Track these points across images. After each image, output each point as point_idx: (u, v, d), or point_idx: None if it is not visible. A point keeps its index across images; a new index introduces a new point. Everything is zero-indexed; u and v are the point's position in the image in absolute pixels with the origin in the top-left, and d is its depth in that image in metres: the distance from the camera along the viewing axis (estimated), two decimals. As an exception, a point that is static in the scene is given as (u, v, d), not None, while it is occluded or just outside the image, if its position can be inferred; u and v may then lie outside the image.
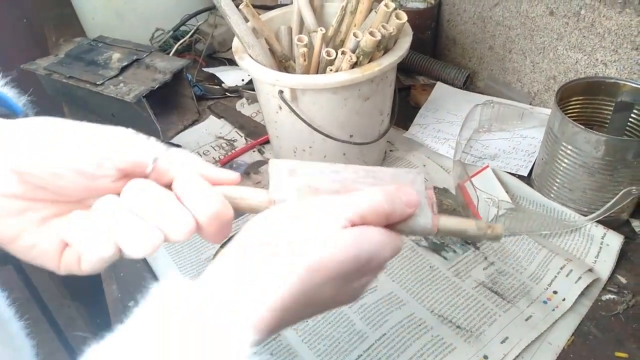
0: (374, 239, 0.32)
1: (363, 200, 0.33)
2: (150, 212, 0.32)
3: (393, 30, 0.65)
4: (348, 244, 0.30)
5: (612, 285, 0.61)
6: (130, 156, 0.33)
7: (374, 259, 0.32)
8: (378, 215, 0.33)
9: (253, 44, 0.69)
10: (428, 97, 0.94)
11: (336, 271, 0.30)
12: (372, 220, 0.32)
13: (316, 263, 0.29)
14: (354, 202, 0.32)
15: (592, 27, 0.73)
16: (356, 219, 0.32)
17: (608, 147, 0.59)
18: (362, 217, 0.32)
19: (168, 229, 0.32)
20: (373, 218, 0.32)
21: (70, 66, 0.95)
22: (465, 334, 0.56)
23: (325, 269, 0.29)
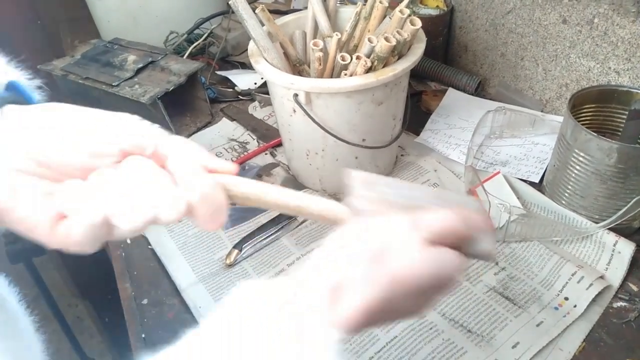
0: (453, 261, 0.33)
1: (442, 220, 0.34)
2: (144, 187, 0.33)
3: (408, 36, 0.65)
4: (431, 263, 0.32)
5: (623, 292, 0.61)
6: (133, 138, 0.35)
7: (446, 278, 0.33)
8: (454, 236, 0.34)
9: (268, 48, 0.70)
10: (439, 103, 0.94)
11: (416, 286, 0.31)
12: (449, 240, 0.33)
13: (400, 276, 0.31)
14: (434, 219, 0.33)
15: (605, 36, 0.74)
16: (436, 238, 0.33)
17: (621, 154, 0.60)
18: (441, 237, 0.33)
19: (159, 205, 0.33)
20: (450, 239, 0.33)
21: (86, 67, 0.97)
22: (476, 338, 0.57)
23: (408, 282, 0.31)
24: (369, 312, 0.30)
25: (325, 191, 0.79)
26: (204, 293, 0.65)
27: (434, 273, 0.32)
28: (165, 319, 0.63)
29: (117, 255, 0.71)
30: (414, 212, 0.34)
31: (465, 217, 0.34)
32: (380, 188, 0.37)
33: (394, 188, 0.38)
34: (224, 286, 0.66)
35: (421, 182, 0.79)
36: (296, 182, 0.82)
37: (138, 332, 0.61)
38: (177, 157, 0.35)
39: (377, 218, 0.34)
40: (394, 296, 0.31)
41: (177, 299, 0.65)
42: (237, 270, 0.68)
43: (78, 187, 0.33)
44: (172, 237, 0.72)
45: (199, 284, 0.66)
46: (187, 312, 0.63)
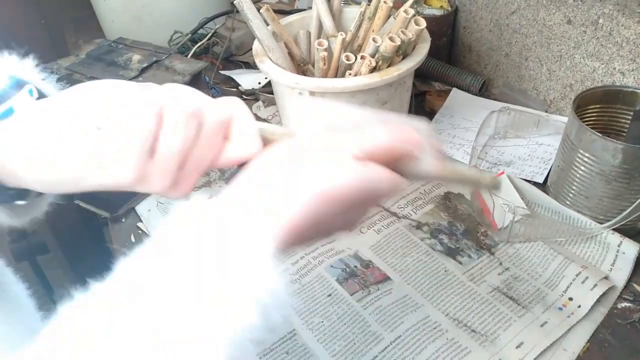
0: (378, 174, 0.34)
1: (370, 139, 0.34)
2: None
3: (412, 35, 0.66)
4: (355, 176, 0.33)
5: (628, 293, 0.61)
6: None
7: (375, 193, 0.34)
8: (388, 154, 0.35)
9: (273, 48, 0.70)
10: (443, 103, 0.94)
11: (341, 199, 0.32)
12: (377, 157, 0.34)
13: (326, 190, 0.32)
14: (362, 139, 0.34)
15: (610, 36, 0.74)
16: (363, 155, 0.34)
17: (626, 155, 0.60)
18: (369, 154, 0.34)
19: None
20: (383, 157, 0.34)
21: (91, 66, 0.97)
22: (480, 338, 0.57)
23: (333, 196, 0.32)
24: (296, 226, 0.31)
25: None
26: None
27: (358, 186, 0.33)
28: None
29: (122, 254, 0.72)
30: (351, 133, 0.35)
31: (401, 136, 0.35)
32: (325, 112, 0.38)
33: (339, 112, 0.38)
34: (228, 285, 0.66)
35: (424, 182, 0.79)
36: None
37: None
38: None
39: (311, 140, 0.35)
40: (321, 210, 0.32)
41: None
42: (241, 269, 0.68)
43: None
44: (177, 236, 0.72)
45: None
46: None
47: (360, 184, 0.33)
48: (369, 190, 0.33)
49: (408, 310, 0.60)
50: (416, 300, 0.61)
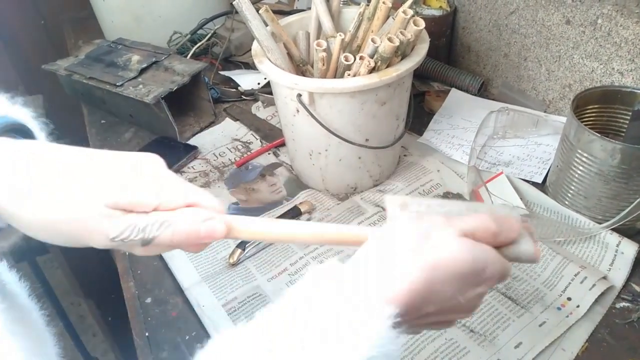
0: (487, 250, 0.36)
1: (474, 219, 0.37)
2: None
3: (411, 36, 0.66)
4: (465, 249, 0.34)
5: (626, 293, 0.61)
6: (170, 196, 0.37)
7: (487, 269, 0.35)
8: (487, 232, 0.36)
9: (272, 48, 0.71)
10: (442, 104, 0.94)
11: (454, 271, 0.34)
12: (481, 237, 0.36)
13: (437, 261, 0.33)
14: (466, 219, 0.37)
15: (609, 37, 0.74)
16: (468, 234, 0.36)
17: (624, 155, 0.60)
18: (473, 234, 0.36)
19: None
20: (482, 235, 0.36)
21: (90, 67, 0.97)
22: (479, 338, 0.57)
23: (446, 267, 0.34)
24: (411, 296, 0.32)
25: (328, 191, 0.79)
26: (207, 292, 0.65)
27: (470, 258, 0.34)
28: (169, 318, 0.63)
29: (120, 255, 0.72)
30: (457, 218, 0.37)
31: (498, 219, 0.37)
32: (414, 207, 0.40)
33: (430, 206, 0.40)
34: (227, 285, 0.66)
35: (424, 182, 0.79)
36: (299, 182, 0.82)
37: (141, 331, 0.62)
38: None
39: (414, 222, 0.37)
40: (434, 281, 0.33)
41: (180, 298, 0.65)
42: (240, 270, 0.68)
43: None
44: (176, 236, 0.73)
45: (202, 283, 0.66)
46: (191, 311, 0.63)
47: (471, 257, 0.34)
48: (480, 267, 0.35)
49: (407, 310, 0.60)
50: (415, 301, 0.61)
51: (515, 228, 0.38)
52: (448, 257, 0.34)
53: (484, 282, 0.36)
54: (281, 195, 0.80)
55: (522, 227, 0.39)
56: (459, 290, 0.35)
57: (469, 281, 0.35)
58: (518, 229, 0.38)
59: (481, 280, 0.36)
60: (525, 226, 0.39)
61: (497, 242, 0.37)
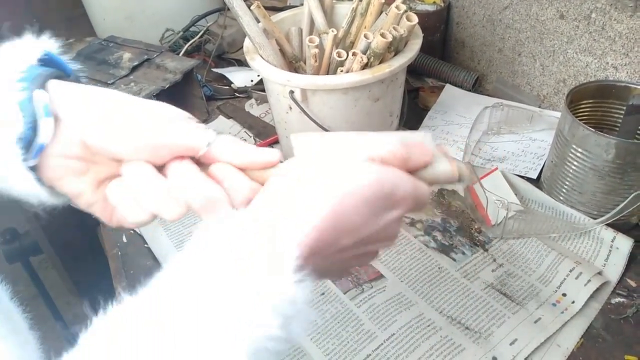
0: (395, 171, 0.34)
1: (381, 145, 0.35)
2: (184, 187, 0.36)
3: (404, 32, 0.65)
4: (371, 173, 0.33)
5: (621, 288, 0.61)
6: (186, 142, 0.36)
7: (399, 191, 0.34)
8: (396, 158, 0.35)
9: (264, 45, 0.70)
10: (437, 99, 0.94)
11: (362, 197, 0.32)
12: (390, 162, 0.35)
13: (344, 189, 0.32)
14: (373, 146, 0.35)
15: (603, 31, 0.74)
16: (375, 160, 0.34)
17: (618, 150, 0.60)
18: (382, 159, 0.34)
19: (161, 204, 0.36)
20: (392, 161, 0.35)
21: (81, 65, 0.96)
22: (474, 335, 0.56)
23: (352, 194, 0.32)
24: (320, 229, 0.31)
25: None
26: (200, 291, 0.64)
27: (376, 181, 0.33)
28: (162, 318, 0.63)
29: (113, 254, 0.71)
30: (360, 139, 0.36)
31: (408, 144, 0.36)
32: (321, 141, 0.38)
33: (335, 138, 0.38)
34: (221, 284, 0.65)
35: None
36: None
37: (134, 331, 0.61)
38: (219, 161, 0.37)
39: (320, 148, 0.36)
40: (343, 210, 0.32)
41: (173, 298, 0.65)
42: (234, 269, 0.67)
43: (123, 190, 0.37)
44: (168, 235, 0.72)
45: (195, 283, 0.65)
46: (184, 310, 0.63)
47: (380, 181, 0.33)
48: (389, 189, 0.33)
49: (402, 308, 0.60)
50: (410, 298, 0.61)
51: (427, 151, 0.37)
52: (353, 183, 0.32)
53: (397, 205, 0.35)
54: (275, 193, 0.80)
55: (437, 149, 0.38)
56: (372, 216, 0.33)
57: (380, 205, 0.33)
58: (430, 151, 0.37)
59: (394, 203, 0.34)
60: (439, 148, 0.38)
61: (408, 166, 0.36)
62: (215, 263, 0.30)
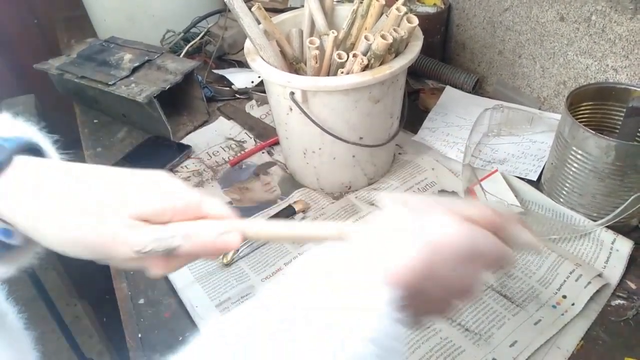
0: (487, 234, 0.36)
1: (473, 207, 0.37)
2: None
3: (405, 33, 0.65)
4: (464, 231, 0.35)
5: (621, 290, 0.61)
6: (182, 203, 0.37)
7: (486, 253, 0.36)
8: (487, 221, 0.37)
9: (265, 46, 0.70)
10: (437, 101, 0.94)
11: (452, 251, 0.34)
12: (481, 224, 0.36)
13: (435, 240, 0.34)
14: (465, 207, 0.37)
15: (603, 33, 0.74)
16: (467, 219, 0.36)
17: (619, 152, 0.60)
18: (473, 219, 0.36)
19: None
20: (482, 222, 0.36)
21: (82, 66, 0.96)
22: (474, 337, 0.56)
23: (443, 246, 0.34)
24: (408, 273, 0.32)
25: (322, 190, 0.79)
26: (200, 292, 0.64)
27: (469, 241, 0.35)
28: (162, 319, 0.63)
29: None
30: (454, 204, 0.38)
31: (497, 211, 0.38)
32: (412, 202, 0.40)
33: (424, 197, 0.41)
34: (221, 285, 0.65)
35: (419, 181, 0.78)
36: (293, 181, 0.82)
37: (134, 332, 0.61)
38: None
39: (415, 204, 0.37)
40: (432, 260, 0.33)
41: (173, 299, 0.65)
42: (234, 270, 0.68)
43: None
44: (169, 236, 0.72)
45: (195, 284, 0.65)
46: (184, 311, 0.63)
47: (468, 239, 0.35)
48: (476, 246, 0.35)
49: (402, 309, 0.60)
50: (410, 300, 0.61)
51: (513, 220, 0.39)
52: (445, 236, 0.34)
53: (483, 263, 0.36)
54: (275, 195, 0.80)
55: (520, 222, 0.40)
56: (457, 267, 0.35)
57: (468, 260, 0.35)
58: (516, 221, 0.39)
59: (480, 261, 0.36)
60: (521, 221, 0.40)
61: (495, 229, 0.37)
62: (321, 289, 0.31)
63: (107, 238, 0.35)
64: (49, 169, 0.37)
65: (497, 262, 0.37)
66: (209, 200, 0.39)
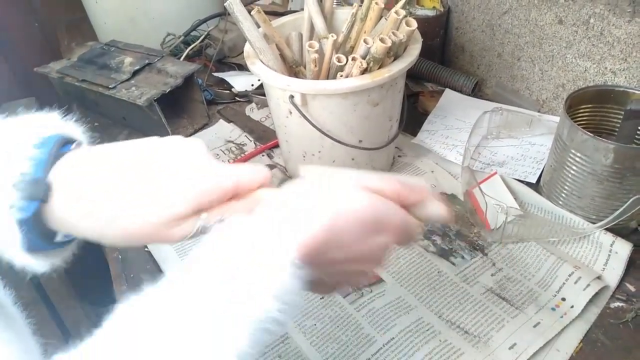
0: (391, 206, 0.38)
1: (379, 179, 0.39)
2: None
3: (403, 37, 0.65)
4: (367, 202, 0.37)
5: (620, 293, 0.61)
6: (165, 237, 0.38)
7: (387, 219, 0.38)
8: (390, 190, 0.38)
9: (264, 50, 0.70)
10: (436, 104, 0.94)
11: (354, 217, 0.36)
12: (385, 194, 0.38)
13: (339, 210, 0.36)
14: (372, 178, 0.39)
15: (602, 36, 0.74)
16: (372, 190, 0.38)
17: (617, 154, 0.60)
18: (377, 189, 0.38)
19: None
20: (386, 192, 0.38)
21: (82, 69, 0.97)
22: (473, 340, 0.56)
23: (347, 215, 0.36)
24: (315, 242, 0.34)
25: (322, 193, 0.79)
26: (200, 295, 0.64)
27: (374, 212, 0.37)
28: (162, 322, 0.63)
29: (113, 258, 0.71)
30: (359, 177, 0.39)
31: (404, 182, 0.39)
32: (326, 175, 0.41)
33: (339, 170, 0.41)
34: (221, 288, 0.65)
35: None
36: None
37: (134, 335, 0.61)
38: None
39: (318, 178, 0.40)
40: (337, 229, 0.35)
41: (173, 302, 0.65)
42: (233, 273, 0.68)
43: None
44: (169, 239, 0.72)
45: (195, 287, 0.65)
46: (184, 314, 0.63)
47: (371, 209, 0.37)
48: (381, 217, 0.37)
49: (401, 312, 0.60)
50: (409, 302, 0.61)
51: (422, 191, 0.40)
52: (350, 207, 0.36)
53: (386, 232, 0.38)
54: (275, 197, 0.80)
55: (431, 194, 0.41)
56: (361, 237, 0.37)
57: (370, 228, 0.37)
58: (425, 192, 0.40)
59: (383, 229, 0.37)
60: (434, 194, 0.41)
61: (401, 201, 0.39)
62: (232, 250, 0.34)
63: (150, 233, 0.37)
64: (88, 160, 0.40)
65: (402, 233, 0.39)
66: (238, 176, 0.39)
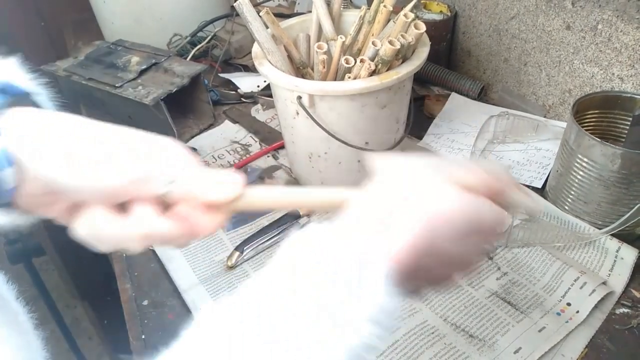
0: (487, 205, 0.35)
1: (469, 172, 0.36)
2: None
3: (412, 39, 0.66)
4: (465, 204, 0.34)
5: (626, 299, 0.61)
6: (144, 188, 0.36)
7: (483, 220, 0.35)
8: (482, 185, 0.35)
9: (273, 51, 0.70)
10: (442, 108, 0.94)
11: (453, 226, 0.33)
12: (479, 190, 0.35)
13: (436, 216, 0.33)
14: (466, 173, 0.35)
15: (609, 42, 0.74)
16: (465, 186, 0.35)
17: (624, 160, 0.60)
18: (471, 186, 0.35)
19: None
20: (482, 191, 0.35)
21: (89, 68, 0.97)
22: (478, 343, 0.56)
23: (444, 221, 0.33)
24: (411, 249, 0.32)
25: (327, 194, 0.79)
26: (204, 294, 0.64)
27: (469, 213, 0.34)
28: (166, 320, 0.63)
29: (117, 256, 0.71)
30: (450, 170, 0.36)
31: (491, 171, 0.36)
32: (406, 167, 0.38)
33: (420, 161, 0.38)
34: (225, 288, 0.65)
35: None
36: (298, 185, 0.82)
37: (138, 333, 0.61)
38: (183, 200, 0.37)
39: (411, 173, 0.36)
40: (435, 235, 0.32)
41: (177, 300, 0.65)
42: (238, 272, 0.68)
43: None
44: (174, 238, 0.72)
45: (199, 286, 0.65)
46: (188, 313, 0.63)
47: (467, 209, 0.34)
48: (476, 218, 0.34)
49: (405, 314, 0.60)
50: (414, 305, 0.61)
51: (512, 181, 0.38)
52: (446, 209, 0.33)
53: (482, 233, 0.35)
54: (280, 198, 0.80)
55: (515, 182, 0.39)
56: (458, 240, 0.34)
57: (466, 231, 0.34)
58: (512, 182, 0.38)
59: (477, 230, 0.35)
60: (517, 183, 0.39)
61: (492, 194, 0.36)
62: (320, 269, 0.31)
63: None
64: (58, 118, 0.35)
65: (494, 228, 0.36)
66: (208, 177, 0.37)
